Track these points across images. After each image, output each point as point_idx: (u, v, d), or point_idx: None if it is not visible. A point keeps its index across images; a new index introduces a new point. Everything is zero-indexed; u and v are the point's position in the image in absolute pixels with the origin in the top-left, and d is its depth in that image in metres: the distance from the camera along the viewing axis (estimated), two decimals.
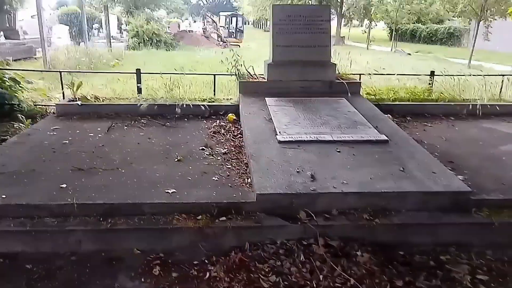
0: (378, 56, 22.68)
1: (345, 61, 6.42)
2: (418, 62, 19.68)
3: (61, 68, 13.60)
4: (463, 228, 3.14)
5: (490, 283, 2.75)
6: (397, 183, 3.30)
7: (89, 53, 17.38)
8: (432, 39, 35.72)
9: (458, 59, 21.52)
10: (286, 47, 5.79)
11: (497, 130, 5.26)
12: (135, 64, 14.85)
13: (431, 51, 28.75)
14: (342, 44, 35.61)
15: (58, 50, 16.62)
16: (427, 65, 16.54)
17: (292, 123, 4.55)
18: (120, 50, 22.71)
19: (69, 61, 15.12)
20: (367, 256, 2.89)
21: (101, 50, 19.76)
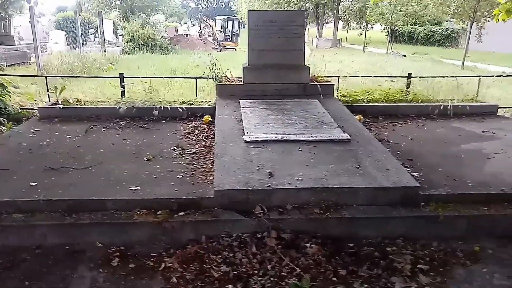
0: (372, 58, 22.88)
1: (335, 63, 6.59)
2: (412, 63, 19.86)
3: (54, 73, 13.85)
4: (411, 221, 3.31)
5: (430, 272, 2.91)
6: (350, 179, 3.47)
7: (83, 58, 17.59)
8: (429, 40, 35.96)
9: (454, 60, 21.71)
10: (261, 51, 5.97)
11: (464, 130, 5.43)
12: (128, 68, 15.09)
13: (427, 52, 28.97)
14: (339, 47, 35.87)
15: (52, 55, 16.82)
16: (420, 67, 16.79)
17: (262, 124, 4.73)
18: (115, 54, 22.93)
19: (62, 66, 15.30)
20: (316, 248, 3.06)
21: (95, 55, 19.96)
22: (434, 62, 22.32)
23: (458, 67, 19.34)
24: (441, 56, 25.85)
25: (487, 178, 3.77)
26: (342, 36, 39.92)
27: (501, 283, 2.81)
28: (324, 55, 6.71)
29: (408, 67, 16.81)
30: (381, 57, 25.12)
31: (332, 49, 32.62)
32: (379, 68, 15.85)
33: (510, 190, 3.51)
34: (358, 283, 2.77)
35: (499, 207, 3.39)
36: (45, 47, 22.22)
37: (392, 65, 17.17)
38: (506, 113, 7.75)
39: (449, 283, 2.81)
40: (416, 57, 26.42)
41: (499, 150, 4.55)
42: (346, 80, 7.71)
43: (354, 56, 26.10)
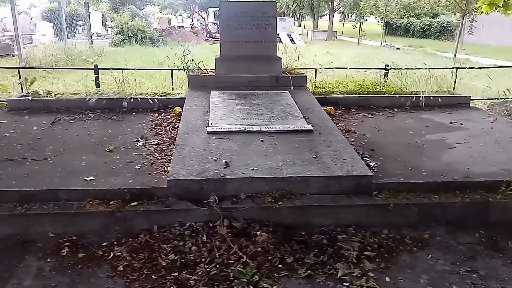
0: (365, 51, 22.92)
1: (326, 56, 6.60)
2: (404, 56, 19.88)
3: (36, 65, 13.77)
4: (363, 210, 3.35)
5: (375, 258, 2.95)
6: (305, 169, 3.50)
7: (67, 50, 17.47)
8: (425, 33, 35.98)
9: (448, 53, 21.73)
10: (233, 43, 5.96)
11: (433, 121, 5.47)
12: (115, 61, 14.97)
13: (423, 45, 29.02)
14: (334, 39, 35.85)
15: (36, 47, 16.69)
16: (412, 59, 16.76)
17: (228, 115, 4.74)
18: (102, 47, 22.79)
19: (46, 58, 15.21)
20: (266, 236, 3.09)
21: (81, 47, 19.82)
22: (427, 55, 22.36)
23: (450, 60, 19.38)
24: (436, 49, 25.91)
25: (442, 167, 3.82)
26: (338, 29, 39.85)
27: (443, 269, 2.86)
28: (314, 48, 6.70)
29: (399, 60, 16.86)
30: (374, 49, 25.18)
31: (327, 42, 32.65)
32: (369, 60, 15.86)
33: (462, 179, 3.56)
34: (303, 270, 2.81)
35: (450, 195, 3.45)
36: (30, 39, 22.02)
37: (382, 58, 17.21)
38: (478, 104, 7.83)
39: (392, 268, 2.85)
40: (410, 50, 26.48)
41: (462, 140, 4.61)
42: (334, 72, 7.69)
43: (348, 48, 26.17)
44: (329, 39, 35.40)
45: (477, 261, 2.96)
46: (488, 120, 5.49)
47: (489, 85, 7.87)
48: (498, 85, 7.72)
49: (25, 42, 20.68)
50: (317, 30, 40.07)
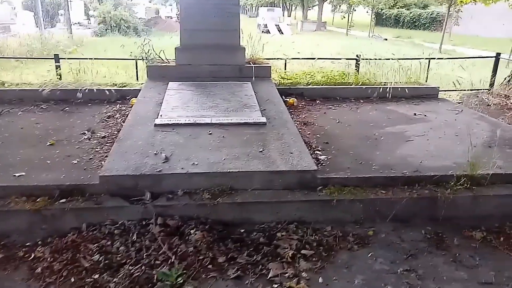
0: (351, 42, 22.76)
1: (311, 46, 6.42)
2: (389, 47, 19.75)
3: (10, 55, 13.40)
4: (307, 206, 3.21)
5: (312, 257, 2.82)
6: (248, 163, 3.35)
7: (45, 39, 17.08)
8: (415, 24, 35.93)
9: (436, 43, 21.63)
10: (194, 31, 5.75)
11: (397, 112, 5.34)
12: (94, 50, 14.61)
13: (411, 36, 28.93)
14: (324, 30, 35.66)
15: (9, 37, 16.28)
16: (396, 50, 16.66)
17: (181, 106, 4.56)
18: (83, 36, 22.33)
19: (20, 48, 14.85)
20: (200, 235, 2.94)
21: (60, 37, 19.39)
22: (414, 46, 22.33)
23: (436, 51, 19.34)
24: (424, 39, 25.83)
25: (395, 161, 3.69)
26: (329, 20, 39.61)
27: (382, 268, 2.74)
28: (300, 38, 6.51)
29: (383, 50, 16.72)
30: (361, 40, 25.03)
31: (316, 33, 32.44)
32: (352, 51, 15.67)
33: (411, 173, 3.43)
34: (233, 271, 2.67)
35: (398, 191, 3.32)
36: (8, 29, 21.52)
37: (366, 49, 17.02)
38: (452, 95, 7.74)
39: (328, 268, 2.72)
40: (398, 41, 26.40)
41: (422, 132, 4.48)
42: (315, 62, 7.48)
43: (335, 39, 26.00)
44: (318, 30, 35.22)
45: (418, 259, 2.84)
46: (453, 111, 5.37)
47: (463, 76, 7.79)
48: (479, 76, 7.63)
49: (5, 31, 20.19)
50: (306, 21, 39.81)
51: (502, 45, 16.06)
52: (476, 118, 5.07)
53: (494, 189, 3.34)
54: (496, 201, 3.30)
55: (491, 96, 7.30)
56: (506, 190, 3.35)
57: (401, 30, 33.87)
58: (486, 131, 4.53)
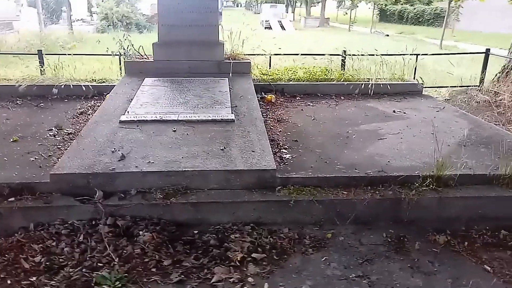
0: (352, 38, 22.50)
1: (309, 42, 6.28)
2: (389, 43, 19.56)
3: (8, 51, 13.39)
4: (264, 206, 3.10)
5: (263, 261, 2.71)
6: (206, 162, 3.24)
7: (44, 36, 17.09)
8: (419, 20, 35.54)
9: (438, 39, 21.26)
10: (172, 27, 5.64)
11: (376, 109, 5.21)
12: (94, 46, 14.53)
13: (415, 32, 28.59)
14: (327, 26, 35.41)
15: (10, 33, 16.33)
16: (396, 46, 16.42)
17: (151, 103, 4.46)
18: (84, 32, 22.33)
19: (19, 43, 14.89)
20: (149, 236, 2.84)
21: (60, 33, 19.43)
22: (415, 42, 21.93)
23: (437, 46, 19.09)
24: (426, 35, 25.49)
25: (361, 160, 3.56)
26: (333, 16, 39.29)
27: (333, 273, 2.62)
28: (302, 35, 6.38)
29: (380, 46, 16.50)
30: (362, 36, 24.76)
31: (319, 29, 32.19)
32: (349, 47, 15.47)
33: (376, 173, 3.30)
34: (177, 274, 2.56)
35: (360, 191, 3.19)
36: (11, 25, 21.56)
37: (364, 45, 16.77)
38: (442, 92, 7.57)
39: (277, 273, 2.61)
40: (399, 37, 26.09)
41: (397, 130, 4.35)
42: (305, 58, 7.33)
43: (336, 35, 25.75)
44: (321, 26, 34.95)
45: (374, 264, 2.72)
46: (435, 109, 5.22)
47: (459, 72, 7.62)
48: (476, 72, 7.45)
49: (5, 28, 20.20)
50: (310, 17, 39.55)
51: (504, 41, 15.75)
52: (457, 115, 4.92)
53: (462, 191, 3.21)
54: (463, 203, 3.17)
55: (481, 93, 7.12)
56: (474, 191, 3.21)
57: (405, 26, 33.49)
58: (464, 129, 4.39)
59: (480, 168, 3.40)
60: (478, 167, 3.42)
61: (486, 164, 3.47)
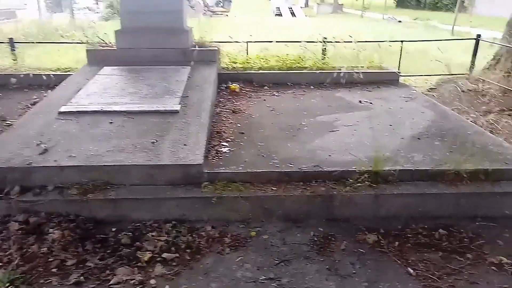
0: (363, 24, 21.97)
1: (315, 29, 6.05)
2: (399, 29, 19.07)
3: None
4: (188, 203, 2.94)
5: (172, 262, 2.57)
6: (130, 156, 3.09)
7: (42, 24, 17.10)
8: (437, 5, 34.61)
9: (455, 26, 20.59)
10: (135, 13, 5.46)
11: (343, 99, 4.98)
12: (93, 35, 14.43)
13: (430, 17, 27.80)
14: (340, 12, 34.77)
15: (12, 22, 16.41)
16: (405, 33, 16.04)
17: (99, 93, 4.32)
18: (85, 21, 22.27)
19: (16, 33, 14.92)
20: (59, 234, 2.72)
21: (61, 21, 19.42)
22: (427, 28, 21.41)
23: (449, 32, 18.50)
24: (442, 21, 24.70)
25: (302, 154, 3.37)
26: (348, 2, 38.44)
27: (244, 275, 2.46)
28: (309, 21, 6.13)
29: (391, 33, 15.97)
30: (374, 23, 24.15)
31: (331, 15, 31.57)
32: (358, 34, 15.06)
33: (310, 168, 3.10)
34: (76, 275, 2.43)
35: (290, 188, 3.01)
36: (13, 14, 21.66)
37: (372, 31, 16.30)
38: (430, 80, 7.24)
39: (184, 274, 2.46)
40: (412, 23, 25.38)
41: (354, 122, 4.13)
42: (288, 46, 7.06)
43: (346, 22, 25.18)
44: (334, 12, 34.28)
45: (291, 265, 2.55)
46: (405, 98, 4.97)
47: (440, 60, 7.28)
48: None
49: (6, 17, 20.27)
50: (323, 3, 38.82)
51: None
52: (425, 106, 4.66)
53: (401, 187, 2.99)
54: (402, 200, 2.96)
55: (469, 82, 6.78)
56: (414, 188, 2.99)
57: (422, 12, 32.53)
58: (427, 121, 4.13)
59: (425, 163, 3.17)
60: (424, 162, 3.19)
61: (434, 159, 3.24)
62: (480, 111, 5.64)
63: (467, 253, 2.65)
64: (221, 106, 4.65)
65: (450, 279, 2.43)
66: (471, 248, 2.69)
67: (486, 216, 2.96)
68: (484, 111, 5.69)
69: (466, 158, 3.11)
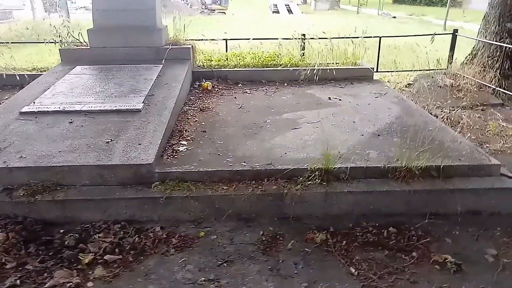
0: (356, 20, 21.84)
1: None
2: (392, 25, 19.01)
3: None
4: (138, 203, 2.92)
5: (114, 263, 2.55)
6: (80, 156, 3.07)
7: (36, 24, 17.12)
8: (432, 0, 34.41)
9: (449, 21, 20.48)
10: (107, 11, 5.44)
11: (313, 96, 4.95)
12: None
13: (426, 13, 27.65)
14: (337, 9, 34.60)
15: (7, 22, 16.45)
16: (398, 28, 15.96)
17: (65, 92, 4.30)
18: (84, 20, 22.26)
19: (10, 32, 14.97)
20: (3, 236, 2.71)
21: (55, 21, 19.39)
22: (421, 23, 21.34)
23: (442, 28, 18.42)
24: (437, 16, 24.55)
25: (259, 152, 3.35)
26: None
27: (184, 276, 2.44)
28: (304, 18, 6.10)
29: (383, 29, 15.88)
30: (368, 19, 24.03)
31: (328, 12, 31.44)
32: (349, 30, 15.00)
33: (262, 167, 3.08)
34: (12, 279, 2.41)
35: (242, 186, 2.98)
36: (10, 14, 21.67)
37: (365, 27, 16.15)
38: (411, 75, 7.19)
39: (123, 277, 2.45)
40: (407, 19, 25.26)
41: (319, 119, 4.10)
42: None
43: (341, 18, 25.07)
44: (331, 9, 34.12)
45: (233, 266, 2.53)
46: (375, 95, 4.92)
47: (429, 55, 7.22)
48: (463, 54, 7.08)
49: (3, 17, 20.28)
50: (320, 0, 38.63)
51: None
52: (394, 102, 4.62)
53: (352, 185, 2.96)
54: (353, 198, 2.93)
55: (446, 77, 6.72)
56: (365, 186, 2.95)
57: (418, 7, 32.36)
58: (391, 117, 4.11)
59: (379, 160, 3.13)
60: (378, 159, 3.16)
61: (389, 155, 3.21)
62: (454, 106, 5.59)
63: (413, 252, 2.62)
64: (190, 104, 4.63)
65: (391, 278, 2.40)
66: (418, 246, 2.66)
67: (437, 213, 2.92)
68: (457, 106, 5.64)
69: (420, 154, 3.08)
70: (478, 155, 3.21)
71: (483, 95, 6.20)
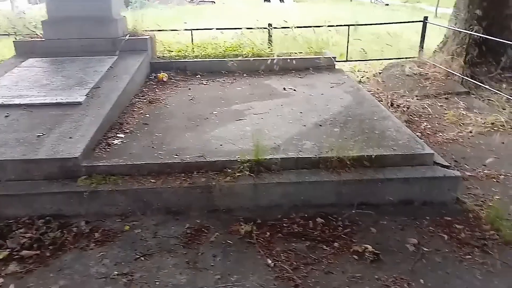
0: (347, 8, 21.74)
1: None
2: (383, 13, 18.92)
3: None
4: (63, 198, 2.87)
5: (29, 259, 2.52)
6: (7, 151, 3.00)
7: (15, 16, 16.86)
8: None
9: (443, 8, 20.35)
10: (62, 2, 5.34)
11: (268, 87, 4.90)
12: None
13: (420, 0, 27.54)
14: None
15: None
16: (389, 16, 15.87)
17: (9, 85, 4.23)
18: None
19: None
20: None
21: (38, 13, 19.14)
22: (413, 11, 21.30)
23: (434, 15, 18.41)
24: (431, 4, 24.44)
25: (195, 144, 3.30)
26: None
27: (97, 271, 2.41)
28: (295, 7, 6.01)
29: (370, 17, 15.75)
30: (360, 7, 23.94)
31: (321, 0, 31.21)
32: (338, 19, 14.88)
33: (193, 159, 3.03)
34: None
35: (170, 179, 2.93)
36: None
37: (355, 16, 16.06)
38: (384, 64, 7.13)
39: (37, 272, 2.41)
40: (400, 6, 25.16)
41: (267, 110, 4.04)
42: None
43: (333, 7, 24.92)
44: None
45: (151, 260, 2.50)
46: (331, 84, 4.88)
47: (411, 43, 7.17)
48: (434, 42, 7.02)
49: None
50: None
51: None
52: (348, 92, 4.57)
53: (282, 176, 2.92)
54: (283, 189, 2.90)
55: (416, 65, 6.68)
56: (295, 177, 2.92)
57: None
58: (341, 106, 4.06)
59: (313, 151, 3.09)
60: (312, 149, 3.12)
61: (324, 146, 3.16)
62: (419, 95, 5.56)
63: (335, 242, 2.59)
64: (140, 96, 4.56)
65: (306, 269, 2.37)
66: (342, 236, 2.63)
67: (367, 203, 2.89)
68: (422, 95, 5.61)
69: (355, 144, 3.03)
70: (414, 145, 3.17)
71: (450, 84, 6.17)
